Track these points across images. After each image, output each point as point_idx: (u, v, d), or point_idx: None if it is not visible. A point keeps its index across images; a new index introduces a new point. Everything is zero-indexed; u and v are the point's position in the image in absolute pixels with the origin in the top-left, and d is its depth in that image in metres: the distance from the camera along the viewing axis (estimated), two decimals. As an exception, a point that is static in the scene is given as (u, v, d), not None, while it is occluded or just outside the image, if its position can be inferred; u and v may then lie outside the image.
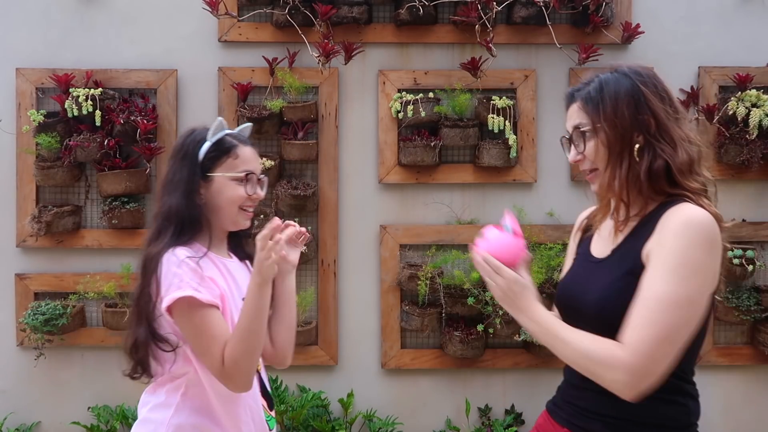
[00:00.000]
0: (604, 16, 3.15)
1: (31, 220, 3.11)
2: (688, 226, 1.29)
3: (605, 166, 1.39)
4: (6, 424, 3.16)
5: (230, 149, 1.64)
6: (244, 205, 1.64)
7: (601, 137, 1.38)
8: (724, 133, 3.18)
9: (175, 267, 1.51)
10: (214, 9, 3.05)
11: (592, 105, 1.40)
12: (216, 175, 1.62)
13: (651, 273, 1.29)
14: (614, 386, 1.28)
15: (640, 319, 1.27)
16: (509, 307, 1.42)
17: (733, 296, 3.20)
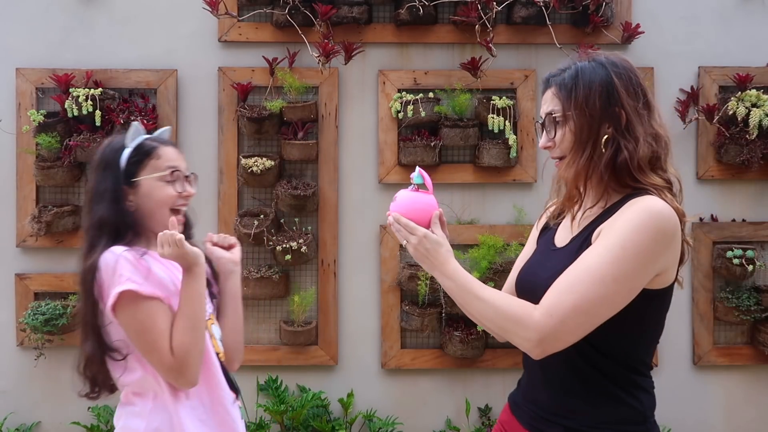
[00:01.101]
0: (604, 16, 3.15)
1: (31, 220, 3.11)
2: (642, 212, 1.29)
3: (569, 153, 1.40)
4: (6, 424, 3.16)
5: (151, 151, 1.63)
6: (175, 205, 1.63)
7: (570, 125, 1.38)
8: (724, 133, 3.18)
9: (112, 264, 1.49)
10: (214, 9, 3.05)
11: (565, 92, 1.39)
12: (142, 179, 1.60)
13: (590, 249, 1.31)
14: (524, 345, 1.31)
15: (562, 286, 1.28)
16: (426, 266, 1.42)
17: (733, 296, 3.20)
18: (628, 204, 1.33)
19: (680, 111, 3.20)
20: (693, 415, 3.27)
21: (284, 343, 3.20)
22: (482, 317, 1.37)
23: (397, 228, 1.42)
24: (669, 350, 3.27)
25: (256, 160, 3.10)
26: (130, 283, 1.47)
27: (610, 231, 1.30)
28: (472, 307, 1.37)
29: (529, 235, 1.68)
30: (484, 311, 1.35)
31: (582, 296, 1.26)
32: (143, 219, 1.61)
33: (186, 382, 1.50)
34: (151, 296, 1.49)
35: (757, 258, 3.15)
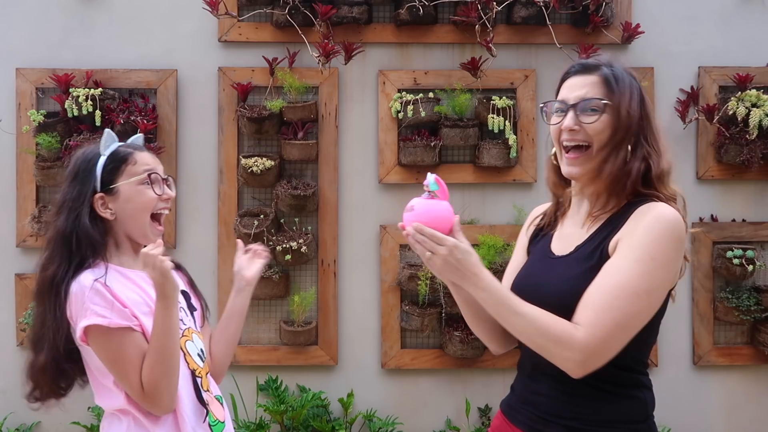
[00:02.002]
0: (604, 16, 3.15)
1: (31, 220, 3.11)
2: (660, 220, 1.31)
3: (602, 148, 1.38)
4: (6, 424, 3.16)
5: (127, 157, 1.62)
6: (156, 209, 1.61)
7: (612, 117, 1.37)
8: (724, 133, 3.18)
9: (80, 295, 1.47)
10: (214, 9, 3.05)
11: (613, 85, 1.39)
12: (119, 185, 1.59)
13: (616, 260, 1.31)
14: (566, 364, 1.30)
15: (600, 303, 1.28)
16: (456, 278, 1.34)
17: (733, 296, 3.20)
18: (640, 212, 1.34)
19: (680, 111, 3.20)
20: (693, 415, 3.27)
21: (284, 343, 3.20)
22: (520, 333, 1.33)
23: (420, 239, 1.32)
24: (669, 350, 3.27)
25: (256, 160, 3.10)
26: (96, 318, 1.45)
27: (633, 242, 1.30)
28: (509, 322, 1.33)
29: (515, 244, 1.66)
30: (523, 328, 1.32)
31: (621, 313, 1.26)
32: (119, 227, 1.60)
33: (160, 409, 1.49)
34: (120, 327, 1.47)
35: (757, 258, 3.15)
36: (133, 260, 1.62)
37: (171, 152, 3.22)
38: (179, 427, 1.53)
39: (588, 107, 1.39)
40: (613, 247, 1.34)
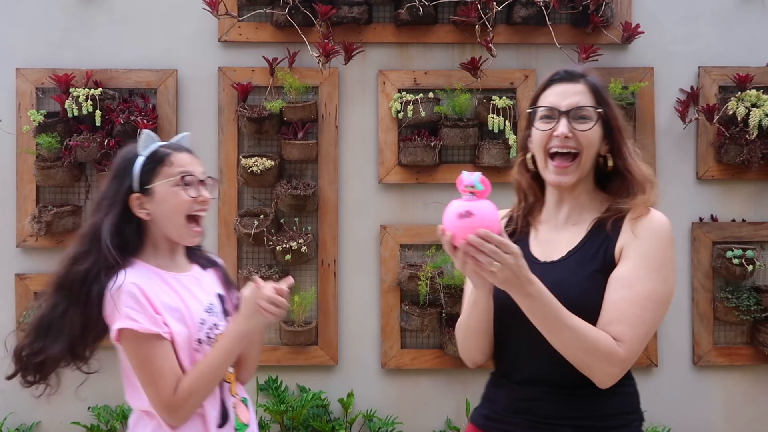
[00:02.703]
0: (604, 16, 3.15)
1: (31, 220, 3.11)
2: (664, 227, 1.38)
3: (589, 155, 1.42)
4: (6, 424, 3.16)
5: (164, 158, 1.61)
6: (191, 211, 1.60)
7: (601, 126, 1.42)
8: (724, 133, 3.18)
9: (116, 296, 1.49)
10: (214, 9, 3.05)
11: (600, 93, 1.44)
12: (155, 185, 1.58)
13: (633, 271, 1.33)
14: (604, 378, 1.32)
15: (634, 318, 1.31)
16: (511, 285, 1.26)
17: (733, 296, 3.20)
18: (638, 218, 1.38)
19: (680, 111, 3.20)
20: (693, 415, 3.27)
21: (284, 343, 3.20)
22: (564, 346, 1.31)
23: (489, 249, 1.21)
24: (669, 350, 3.27)
25: (256, 160, 3.10)
26: (128, 321, 1.48)
27: (645, 250, 1.34)
28: (555, 333, 1.30)
29: None
30: (569, 341, 1.30)
31: (651, 323, 1.33)
32: (156, 228, 1.60)
33: (177, 420, 1.51)
34: (150, 333, 1.49)
35: (757, 258, 3.15)
36: (170, 261, 1.63)
37: (171, 152, 3.22)
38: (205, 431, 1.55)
39: (580, 115, 1.41)
40: (619, 253, 1.36)
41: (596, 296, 1.35)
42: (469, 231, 1.21)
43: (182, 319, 1.55)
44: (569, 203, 1.46)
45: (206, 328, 1.59)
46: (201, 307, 1.61)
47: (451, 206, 1.26)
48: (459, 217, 1.22)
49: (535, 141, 1.46)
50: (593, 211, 1.46)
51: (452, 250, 1.26)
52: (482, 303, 1.38)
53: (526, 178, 1.53)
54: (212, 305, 1.64)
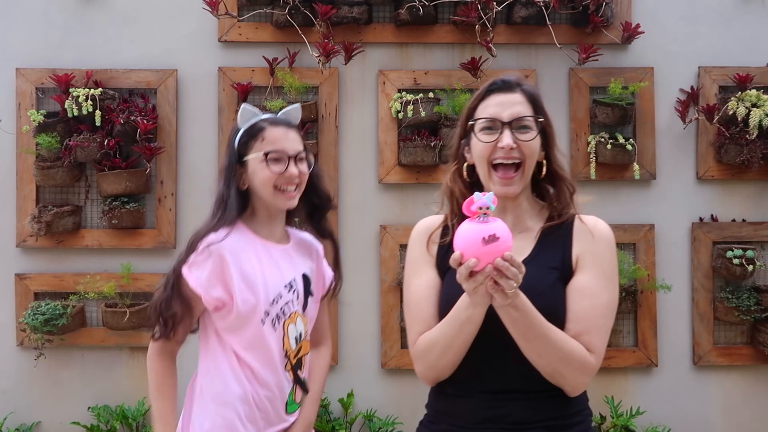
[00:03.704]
0: (604, 16, 3.15)
1: (31, 220, 3.11)
2: (611, 236, 1.46)
3: (531, 164, 1.45)
4: (6, 424, 3.16)
5: (257, 133, 1.70)
6: (278, 184, 1.67)
7: (540, 134, 1.46)
8: (724, 133, 3.18)
9: (199, 247, 1.63)
10: (214, 9, 3.05)
11: (538, 103, 1.47)
12: (248, 159, 1.69)
13: (594, 280, 1.39)
14: (577, 387, 1.38)
15: (600, 327, 1.37)
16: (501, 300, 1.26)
17: (733, 296, 3.20)
18: (587, 226, 1.45)
19: (680, 111, 3.20)
20: (693, 415, 3.27)
21: (284, 343, 3.20)
22: (540, 355, 1.33)
23: (513, 273, 1.21)
24: (669, 350, 3.27)
25: (256, 160, 3.10)
26: (186, 267, 1.62)
27: (599, 259, 1.41)
28: (534, 343, 1.32)
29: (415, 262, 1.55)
30: (546, 350, 1.32)
31: (609, 330, 1.40)
32: (255, 197, 1.71)
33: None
34: (192, 286, 1.61)
35: (757, 258, 3.15)
36: (267, 230, 1.72)
37: (171, 152, 3.22)
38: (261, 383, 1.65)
39: (522, 125, 1.43)
40: (576, 261, 1.42)
41: (562, 304, 1.38)
42: (495, 255, 1.19)
43: (254, 287, 1.62)
44: (512, 212, 1.48)
45: (281, 303, 1.67)
46: (282, 281, 1.68)
47: (469, 230, 1.21)
48: (484, 243, 1.19)
49: (477, 152, 1.47)
50: (536, 218, 1.49)
51: (469, 276, 1.22)
52: (478, 320, 1.34)
53: (461, 187, 1.52)
54: (294, 282, 1.71)
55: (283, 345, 1.68)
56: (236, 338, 1.65)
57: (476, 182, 1.50)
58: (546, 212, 1.51)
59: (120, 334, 3.15)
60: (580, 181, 3.24)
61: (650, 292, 3.22)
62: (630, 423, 3.13)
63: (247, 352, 1.64)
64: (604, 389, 3.24)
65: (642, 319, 3.24)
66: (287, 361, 1.70)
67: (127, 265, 3.13)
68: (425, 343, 1.45)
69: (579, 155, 3.25)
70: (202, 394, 1.66)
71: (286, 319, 1.68)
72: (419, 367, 1.50)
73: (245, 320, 1.63)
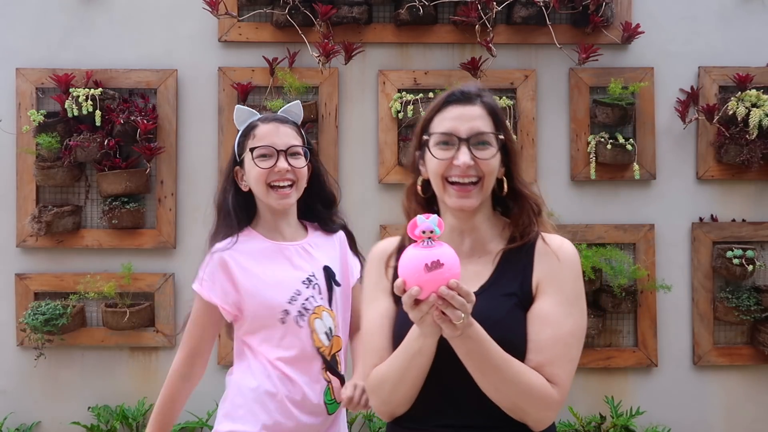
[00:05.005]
0: (604, 16, 3.15)
1: (31, 220, 3.11)
2: (574, 257, 1.34)
3: (493, 180, 1.34)
4: (6, 424, 3.16)
5: (248, 131, 1.69)
6: (269, 180, 1.64)
7: (494, 149, 1.33)
8: (724, 133, 3.18)
9: (206, 260, 1.66)
10: (214, 9, 3.05)
11: (497, 117, 1.36)
12: (243, 158, 1.68)
13: (556, 307, 1.28)
14: (541, 423, 1.28)
15: (564, 357, 1.27)
16: (451, 331, 1.16)
17: (733, 296, 3.20)
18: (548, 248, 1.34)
19: (680, 111, 3.20)
20: (693, 415, 3.27)
21: (284, 343, 3.20)
22: (498, 388, 1.23)
23: (460, 302, 1.11)
24: (669, 350, 3.27)
25: (256, 160, 3.10)
26: (197, 283, 1.65)
27: (562, 284, 1.30)
28: (491, 376, 1.22)
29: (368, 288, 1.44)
30: (504, 384, 1.23)
31: (576, 359, 1.30)
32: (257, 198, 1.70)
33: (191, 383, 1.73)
34: (205, 299, 1.64)
35: (757, 258, 3.15)
36: (275, 230, 1.71)
37: (171, 152, 3.22)
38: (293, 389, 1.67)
39: (481, 141, 1.32)
40: (536, 287, 1.31)
41: (520, 333, 1.28)
42: (439, 283, 1.10)
43: (265, 289, 1.63)
44: (471, 234, 1.37)
45: (301, 299, 1.65)
46: (299, 278, 1.67)
47: (412, 256, 1.13)
48: (427, 270, 1.10)
49: (432, 168, 1.34)
50: (497, 239, 1.38)
51: (414, 305, 1.13)
52: (429, 351, 1.24)
53: (415, 205, 1.41)
54: (313, 277, 1.69)
55: (313, 341, 1.68)
56: (257, 340, 1.65)
57: (433, 197, 1.38)
58: (506, 229, 1.40)
59: (120, 334, 3.15)
60: (580, 182, 3.25)
61: (650, 292, 3.21)
62: (630, 423, 3.13)
63: (274, 351, 1.64)
64: (604, 389, 3.24)
65: (642, 319, 3.24)
66: (321, 359, 1.72)
67: (128, 265, 3.13)
68: (377, 377, 1.33)
69: (579, 155, 3.25)
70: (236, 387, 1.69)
71: (309, 315, 1.66)
72: (373, 402, 1.36)
73: (262, 322, 1.64)
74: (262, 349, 1.65)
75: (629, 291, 3.15)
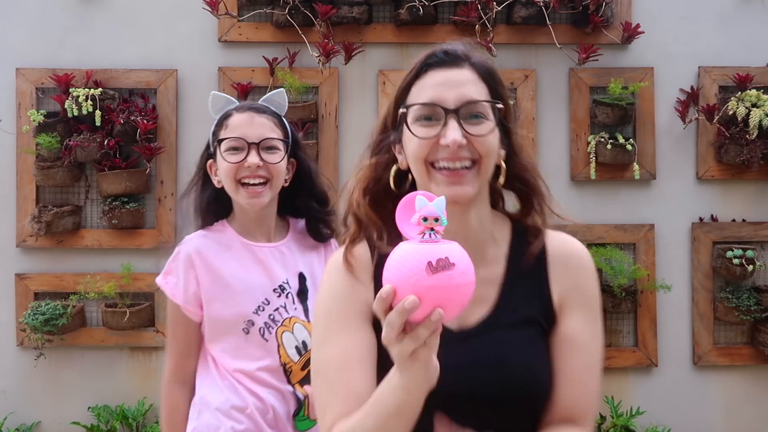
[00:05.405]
0: (604, 16, 3.15)
1: (31, 220, 3.11)
2: (590, 260, 1.11)
3: (492, 163, 1.04)
4: (6, 424, 3.16)
5: (221, 121, 1.54)
6: (239, 176, 1.48)
7: (491, 123, 1.03)
8: (724, 133, 3.18)
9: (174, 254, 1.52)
10: (214, 9, 3.05)
11: (492, 81, 1.07)
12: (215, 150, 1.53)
13: (584, 326, 1.05)
14: None
15: (592, 389, 1.06)
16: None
17: (733, 296, 3.20)
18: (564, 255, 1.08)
19: (680, 111, 3.20)
20: (693, 415, 3.27)
21: (284, 343, 3.20)
22: None
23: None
24: (669, 350, 3.27)
25: (256, 160, 3.10)
26: (161, 277, 1.52)
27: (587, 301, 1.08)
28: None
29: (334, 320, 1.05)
30: None
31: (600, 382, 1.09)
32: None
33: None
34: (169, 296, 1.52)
35: (757, 258, 3.15)
36: (250, 229, 1.55)
37: (171, 152, 3.22)
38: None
39: (474, 113, 1.02)
40: (559, 306, 1.06)
41: (547, 369, 1.02)
42: (448, 292, 0.76)
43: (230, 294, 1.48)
44: (464, 238, 0.94)
45: (269, 310, 1.49)
46: (271, 284, 1.51)
47: (408, 253, 0.78)
48: (431, 270, 0.76)
49: (411, 152, 1.03)
50: (497, 245, 1.08)
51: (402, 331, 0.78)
52: (412, 410, 0.86)
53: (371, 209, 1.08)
54: (287, 285, 1.52)
55: (280, 356, 1.48)
56: (218, 349, 1.49)
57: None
58: (507, 230, 1.10)
59: (120, 334, 3.15)
60: (580, 182, 3.25)
61: (650, 292, 3.21)
62: (630, 423, 3.13)
63: (234, 362, 1.47)
64: (604, 389, 3.24)
65: (642, 319, 3.24)
66: (288, 377, 1.50)
67: (127, 265, 3.13)
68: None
69: (579, 155, 3.25)
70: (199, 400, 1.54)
71: (278, 327, 1.49)
72: None
73: (223, 330, 1.48)
74: (223, 359, 1.49)
75: (629, 291, 3.15)
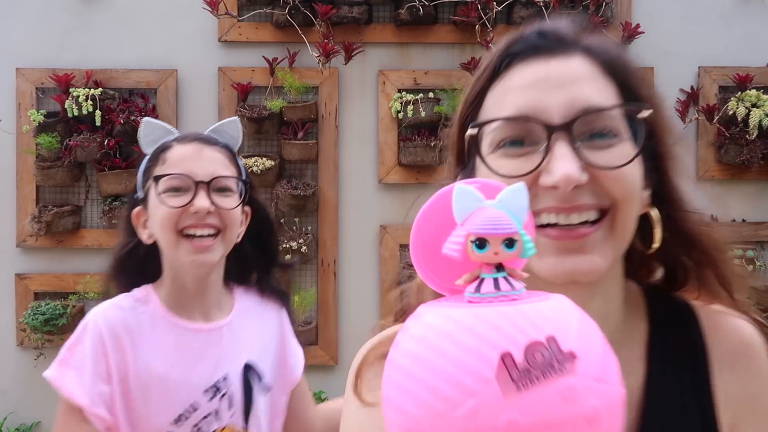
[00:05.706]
0: (604, 16, 3.15)
1: (31, 220, 3.11)
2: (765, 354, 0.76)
3: (633, 211, 0.68)
4: (6, 424, 3.16)
5: (157, 155, 1.18)
6: (181, 226, 1.12)
7: (630, 146, 0.66)
8: (724, 133, 3.18)
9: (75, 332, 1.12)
10: (214, 9, 3.05)
11: (622, 76, 0.69)
12: (147, 193, 1.16)
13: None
14: None
15: None
16: None
17: (733, 296, 3.20)
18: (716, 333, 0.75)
19: (680, 111, 3.20)
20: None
21: (284, 343, 3.20)
22: None
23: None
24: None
25: (256, 160, 3.10)
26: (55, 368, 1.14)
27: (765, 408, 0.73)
28: None
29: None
30: None
31: None
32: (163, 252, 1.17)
33: None
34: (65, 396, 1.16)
35: (757, 258, 3.15)
36: (181, 298, 1.18)
37: (171, 152, 3.22)
38: None
39: (596, 130, 0.65)
40: (730, 424, 0.71)
41: None
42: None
43: (148, 399, 1.12)
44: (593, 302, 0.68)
45: (196, 418, 1.15)
46: (200, 384, 1.16)
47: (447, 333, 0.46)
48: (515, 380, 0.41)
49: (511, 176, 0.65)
50: (635, 338, 0.74)
51: None
52: None
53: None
54: (224, 383, 1.18)
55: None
56: None
57: None
58: (643, 313, 0.76)
59: (120, 334, 3.15)
60: (580, 181, 3.25)
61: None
62: (630, 423, 3.13)
63: None
64: None
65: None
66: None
67: (127, 265, 3.13)
68: None
69: (579, 155, 3.25)
70: None
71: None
72: None
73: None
74: None
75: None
